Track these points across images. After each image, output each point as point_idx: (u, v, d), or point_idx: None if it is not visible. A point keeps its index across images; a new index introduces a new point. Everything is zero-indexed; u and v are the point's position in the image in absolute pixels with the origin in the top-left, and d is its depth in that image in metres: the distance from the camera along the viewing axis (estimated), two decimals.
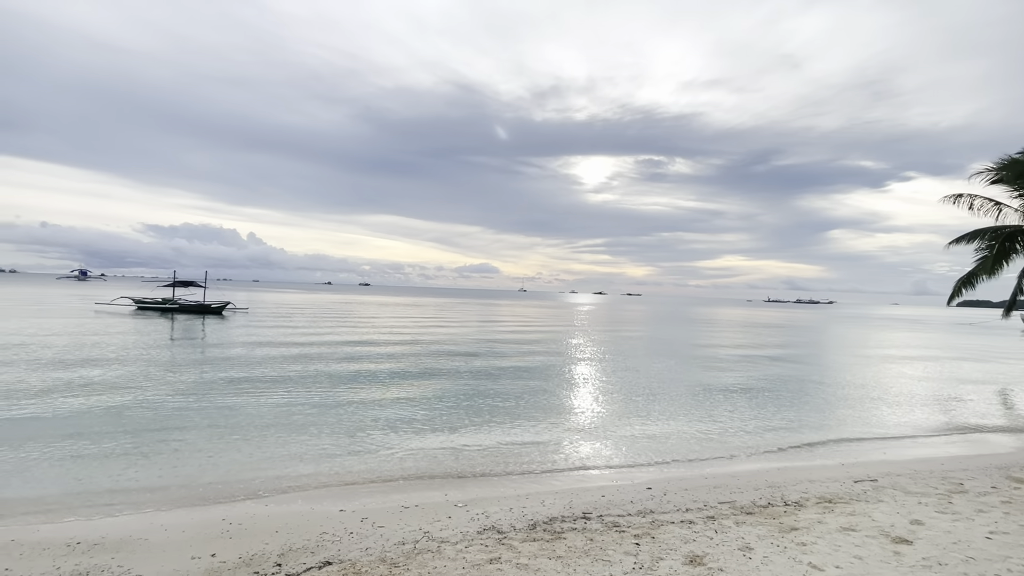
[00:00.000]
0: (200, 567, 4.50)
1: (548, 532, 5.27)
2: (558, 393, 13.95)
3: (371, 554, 4.73)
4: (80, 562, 4.57)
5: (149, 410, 10.72)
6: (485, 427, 10.32)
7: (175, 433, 9.22)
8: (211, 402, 11.57)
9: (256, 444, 8.79)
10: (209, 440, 8.91)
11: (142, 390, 12.55)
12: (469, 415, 11.20)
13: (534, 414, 11.49)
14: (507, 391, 13.89)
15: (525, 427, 10.41)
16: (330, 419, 10.49)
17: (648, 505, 6.20)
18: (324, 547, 4.93)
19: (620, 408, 12.41)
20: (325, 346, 22.32)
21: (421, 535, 5.20)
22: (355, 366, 17.22)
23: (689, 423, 11.22)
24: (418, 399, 12.55)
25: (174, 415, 10.41)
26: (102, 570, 4.42)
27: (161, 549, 4.88)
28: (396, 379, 15.13)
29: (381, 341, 25.26)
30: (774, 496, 6.58)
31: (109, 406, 10.90)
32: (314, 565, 4.52)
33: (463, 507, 6.08)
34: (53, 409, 10.51)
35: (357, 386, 13.88)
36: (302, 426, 9.94)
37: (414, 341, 25.77)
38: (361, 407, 11.57)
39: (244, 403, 11.57)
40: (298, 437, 9.24)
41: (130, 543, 5.00)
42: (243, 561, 4.62)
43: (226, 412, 10.76)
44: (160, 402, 11.43)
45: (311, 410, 11.16)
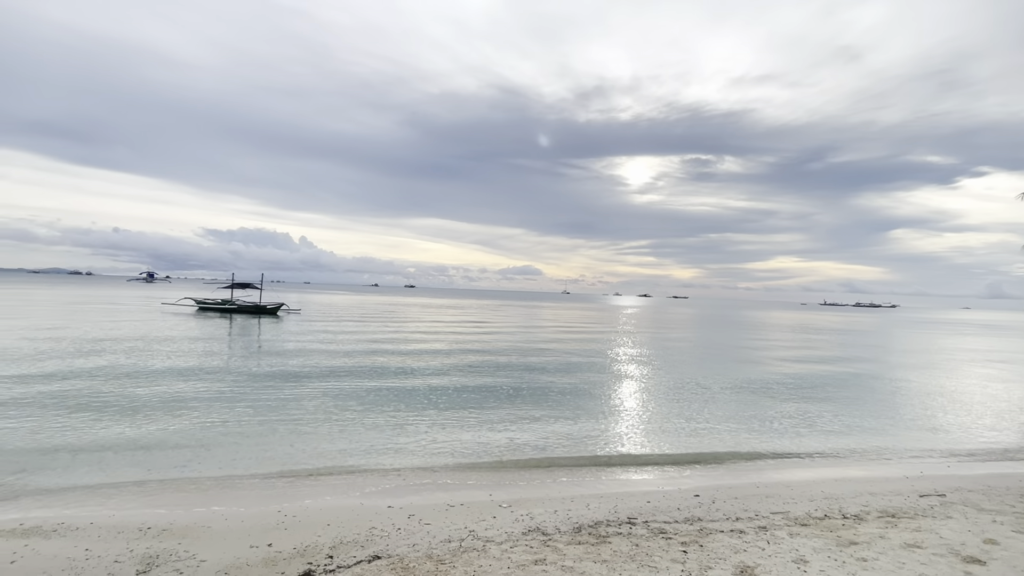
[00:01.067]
0: (258, 556, 4.71)
1: (593, 536, 5.23)
2: (602, 396, 13.81)
3: (418, 550, 4.83)
4: (151, 546, 4.87)
5: (209, 404, 11.30)
6: (528, 429, 10.34)
7: (233, 426, 9.69)
8: (266, 398, 12.09)
9: (308, 439, 9.12)
10: (264, 434, 9.31)
11: (203, 386, 13.25)
12: (512, 416, 11.24)
13: (578, 417, 11.42)
14: (550, 393, 13.86)
15: (569, 430, 10.37)
16: (377, 416, 10.77)
17: (696, 512, 6.06)
18: (373, 541, 5.07)
19: (666, 413, 12.17)
20: (372, 345, 22.90)
21: (467, 533, 5.27)
22: (400, 366, 17.60)
23: (738, 429, 10.88)
24: (461, 399, 12.70)
25: (232, 409, 10.93)
26: (170, 554, 4.70)
27: (222, 537, 5.14)
28: (440, 379, 15.37)
29: (425, 342, 25.71)
30: (831, 508, 6.30)
31: (173, 400, 11.57)
32: (363, 559, 4.66)
33: (507, 508, 6.12)
34: (127, 401, 11.24)
35: (402, 385, 14.18)
36: (350, 422, 10.24)
37: (458, 342, 26.09)
38: (407, 405, 11.81)
39: (296, 399, 12.03)
40: (347, 433, 9.54)
41: (194, 530, 5.29)
42: (297, 552, 4.81)
43: (279, 407, 11.22)
44: (219, 397, 12.03)
45: (359, 407, 11.48)
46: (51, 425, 9.38)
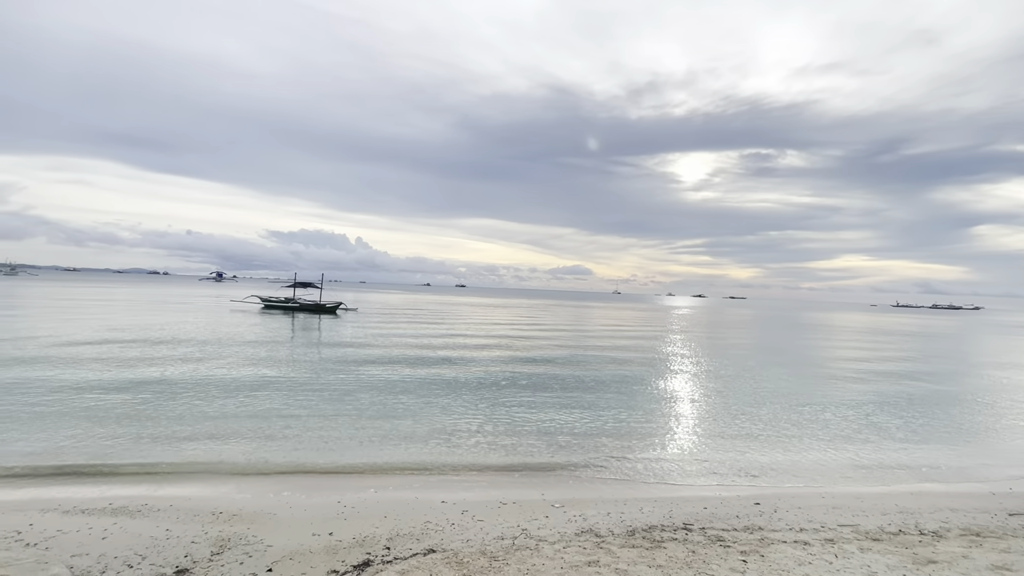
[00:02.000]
0: (320, 543, 4.91)
1: (647, 540, 5.14)
2: (654, 398, 13.52)
3: (472, 546, 4.89)
4: (223, 529, 5.18)
5: (273, 398, 11.87)
6: (579, 429, 10.26)
7: (295, 420, 10.14)
8: (325, 393, 12.58)
9: (365, 433, 9.42)
10: (324, 428, 9.69)
11: (268, 380, 13.94)
12: (563, 416, 11.19)
13: (629, 418, 11.23)
14: (601, 394, 13.70)
15: (620, 431, 10.22)
16: (431, 411, 10.98)
17: (756, 521, 5.83)
18: (428, 535, 5.18)
19: (722, 416, 11.77)
20: (425, 344, 23.38)
21: (519, 532, 5.29)
22: (452, 364, 17.87)
23: (800, 436, 10.38)
24: (512, 399, 12.75)
25: (294, 402, 11.44)
26: (240, 538, 4.98)
27: (287, 524, 5.39)
28: (491, 378, 15.49)
29: (476, 340, 25.99)
30: (906, 523, 5.91)
31: (241, 392, 12.23)
32: (419, 551, 4.76)
33: (560, 508, 6.10)
34: (200, 393, 11.99)
35: (454, 383, 14.39)
36: (405, 417, 10.50)
37: (508, 341, 26.23)
38: (459, 403, 11.98)
39: (354, 395, 12.44)
40: (402, 427, 9.78)
41: (262, 516, 5.58)
42: (356, 542, 4.97)
43: (338, 402, 11.64)
44: (283, 391, 12.62)
45: (414, 402, 11.75)
46: (133, 413, 10.12)
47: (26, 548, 4.56)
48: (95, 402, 10.86)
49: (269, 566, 4.42)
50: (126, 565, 4.35)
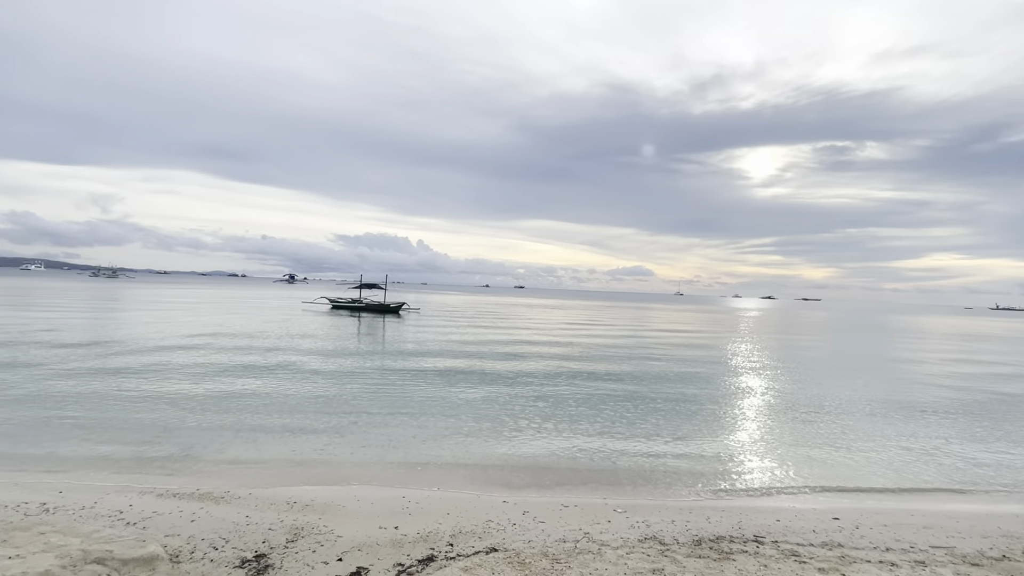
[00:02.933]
0: (386, 536, 5.07)
1: (715, 551, 4.94)
2: (720, 403, 13.00)
3: (534, 547, 4.89)
4: (297, 518, 5.45)
5: (342, 394, 12.39)
6: (641, 433, 10.03)
7: (363, 416, 10.52)
8: (390, 390, 12.98)
9: (428, 430, 9.64)
10: (388, 424, 10.00)
11: (337, 377, 14.57)
12: (623, 419, 10.98)
13: (694, 423, 10.86)
14: (663, 397, 13.33)
15: (684, 436, 9.90)
16: (491, 411, 11.08)
17: (835, 537, 5.47)
18: (490, 534, 5.22)
19: (794, 424, 11.15)
20: (485, 344, 23.65)
21: (581, 535, 5.23)
22: (512, 364, 17.96)
23: (884, 448, 9.66)
24: (570, 398, 12.65)
25: (361, 400, 11.88)
26: (313, 527, 5.22)
27: (355, 516, 5.60)
28: (549, 379, 15.44)
29: (535, 341, 26.00)
30: (1011, 548, 5.36)
31: (312, 388, 12.84)
32: (482, 549, 4.81)
33: (623, 513, 5.98)
34: (277, 387, 12.70)
35: (514, 382, 14.46)
36: (466, 416, 10.65)
37: (567, 342, 26.06)
38: (518, 403, 12.02)
39: (417, 392, 12.77)
40: (463, 426, 9.93)
41: (332, 508, 5.83)
42: (421, 536, 5.09)
43: (402, 399, 11.98)
44: (351, 388, 13.14)
45: (475, 401, 11.90)
46: (216, 407, 10.86)
47: (127, 527, 4.98)
48: (181, 395, 11.74)
49: (339, 555, 4.60)
50: (212, 547, 4.66)
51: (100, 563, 4.08)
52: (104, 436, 8.74)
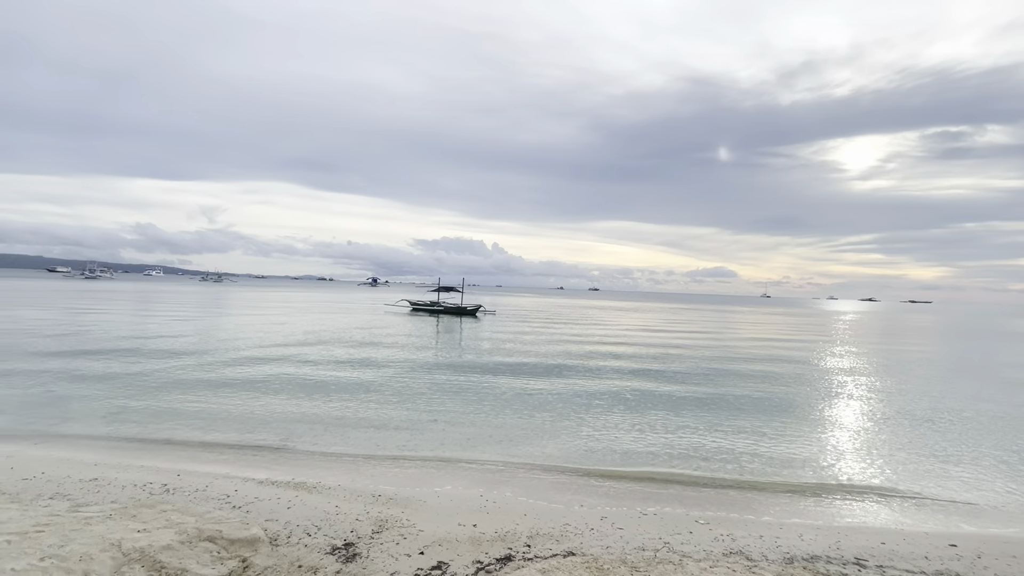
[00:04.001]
0: (465, 533, 5.18)
1: (809, 571, 4.61)
2: (814, 410, 12.11)
3: (612, 553, 4.81)
4: (381, 511, 5.70)
5: (422, 392, 12.83)
6: (724, 441, 9.56)
7: (441, 415, 10.83)
8: (466, 390, 13.27)
9: (504, 431, 9.76)
10: (466, 424, 10.23)
11: (418, 376, 15.11)
12: (705, 425, 10.52)
13: (784, 432, 10.20)
14: (749, 402, 12.62)
15: (773, 446, 9.32)
16: (566, 414, 11.02)
17: (952, 567, 4.93)
18: (567, 537, 5.19)
19: (901, 437, 10.16)
20: (559, 346, 23.57)
21: (661, 544, 5.08)
22: (587, 366, 17.76)
23: (1010, 468, 8.57)
24: (648, 403, 12.30)
25: (440, 398, 12.24)
26: (396, 520, 5.44)
27: (435, 512, 5.77)
28: (626, 381, 15.10)
29: (610, 344, 25.55)
30: None
31: (394, 387, 13.40)
32: (559, 552, 4.80)
33: (705, 524, 5.74)
34: (361, 385, 13.38)
35: (589, 386, 14.29)
36: (542, 418, 10.66)
37: (644, 345, 25.39)
38: (595, 405, 11.86)
39: (494, 393, 12.96)
40: (538, 429, 9.95)
41: (414, 502, 6.05)
42: (498, 536, 5.16)
43: (479, 400, 12.21)
44: (430, 387, 13.58)
45: (551, 404, 11.89)
46: (308, 403, 11.61)
47: (233, 510, 5.45)
48: (278, 390, 12.66)
49: (421, 549, 4.77)
50: (306, 533, 4.99)
51: (211, 541, 4.49)
52: (213, 425, 9.62)
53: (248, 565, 4.28)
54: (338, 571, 4.27)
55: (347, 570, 4.31)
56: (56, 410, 10.37)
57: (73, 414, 10.13)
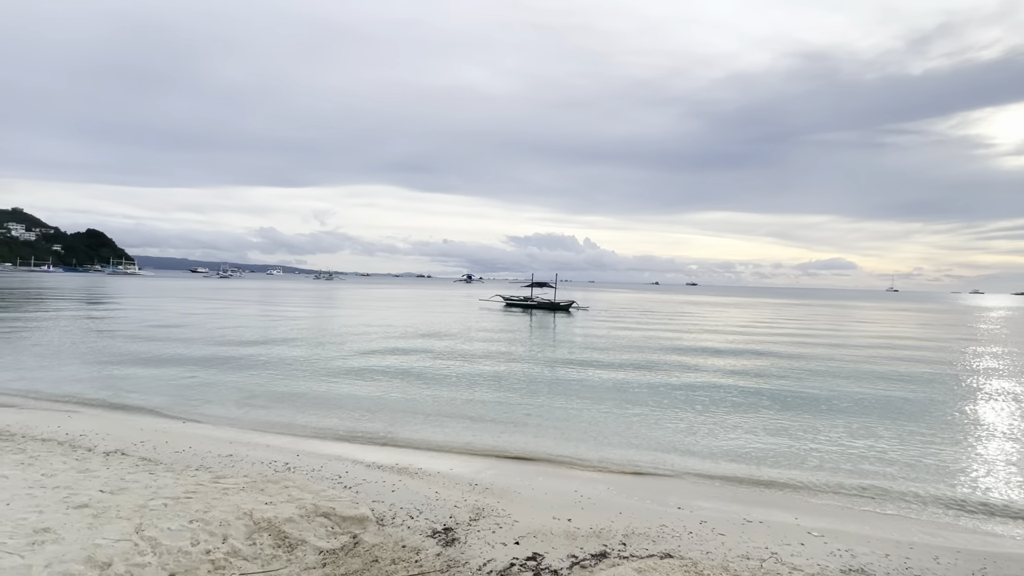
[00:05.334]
0: (560, 527, 5.20)
1: None
2: (955, 417, 10.68)
3: (712, 559, 4.59)
4: (478, 500, 5.89)
5: (516, 386, 13.04)
6: (842, 447, 8.74)
7: (535, 409, 10.95)
8: (561, 386, 13.29)
9: (599, 428, 9.66)
10: (559, 419, 10.25)
11: (511, 371, 15.39)
12: (822, 429, 9.68)
13: (915, 438, 9.12)
14: (873, 404, 11.42)
15: (901, 454, 8.37)
16: (662, 411, 10.67)
17: None
18: (664, 539, 5.04)
19: None
20: (654, 342, 22.85)
21: (768, 555, 4.77)
22: (684, 364, 17.05)
23: None
24: (753, 403, 11.55)
25: (534, 393, 12.38)
26: (492, 509, 5.59)
27: (530, 504, 5.85)
28: (727, 379, 14.29)
29: (710, 340, 24.30)
30: None
31: (490, 381, 13.75)
32: (656, 553, 4.67)
33: (819, 537, 5.30)
34: (512, 384, 13.88)
35: (686, 382, 13.71)
36: (637, 416, 10.41)
37: (747, 341, 23.87)
38: (692, 404, 11.37)
39: (586, 389, 12.87)
40: (632, 428, 9.74)
41: (509, 494, 6.17)
42: (593, 532, 5.12)
43: (571, 395, 12.18)
44: (524, 382, 13.77)
45: (646, 401, 11.58)
46: (411, 393, 12.25)
47: (344, 489, 5.90)
48: (384, 381, 13.49)
49: (516, 539, 4.86)
50: (409, 516, 5.28)
51: (326, 517, 4.89)
52: (327, 412, 10.47)
53: (358, 541, 4.61)
54: (438, 554, 4.47)
55: (446, 553, 4.50)
56: (199, 393, 11.83)
57: (212, 397, 11.50)
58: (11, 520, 4.30)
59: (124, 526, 4.30)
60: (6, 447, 6.69)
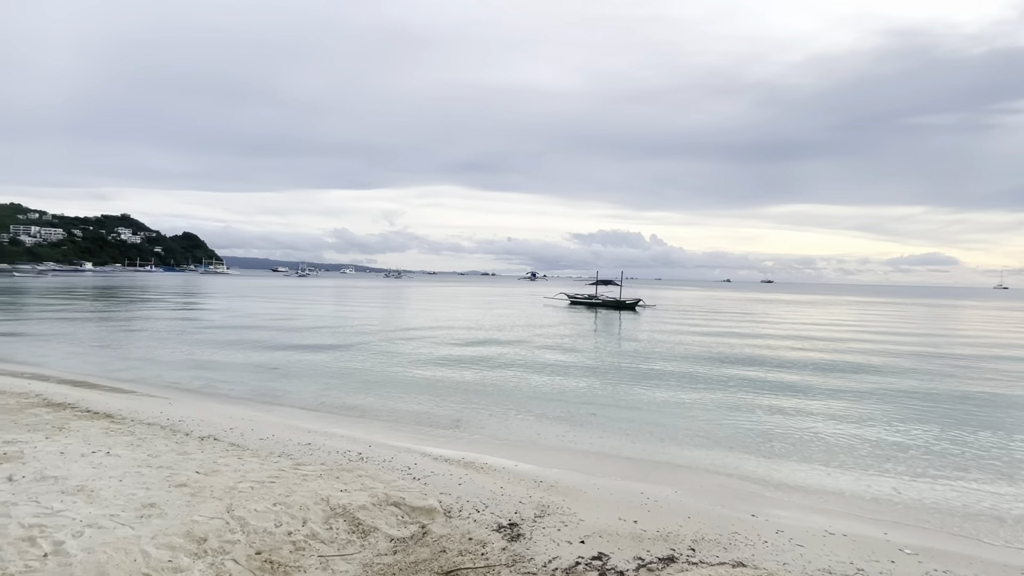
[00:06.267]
0: (626, 528, 5.12)
1: None
2: None
3: (790, 571, 4.36)
4: (543, 497, 5.90)
5: (580, 385, 12.95)
6: (941, 459, 8.01)
7: (600, 409, 10.82)
8: (627, 384, 13.06)
9: (666, 429, 9.41)
10: (627, 420, 10.06)
11: (576, 369, 15.29)
12: (920, 439, 8.92)
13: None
14: (981, 411, 10.38)
15: (1015, 469, 7.56)
16: (734, 413, 10.23)
17: None
18: (736, 547, 4.83)
19: None
20: (726, 342, 21.92)
21: (853, 570, 4.46)
22: (759, 361, 16.25)
23: None
24: (835, 410, 10.81)
25: (599, 392, 12.24)
26: (557, 507, 5.58)
27: (595, 504, 5.79)
28: (806, 383, 13.46)
29: (787, 340, 22.98)
30: None
31: (555, 379, 13.73)
32: (727, 561, 4.49)
33: (913, 555, 4.89)
34: (576, 383, 13.96)
35: (762, 386, 13.04)
36: (705, 419, 10.05)
37: (829, 344, 22.37)
38: (767, 405, 10.82)
39: (654, 389, 12.56)
40: (703, 428, 9.40)
41: (574, 492, 6.14)
42: (660, 535, 5.00)
43: (639, 395, 11.94)
44: (588, 380, 13.65)
45: (717, 403, 11.16)
46: (475, 388, 12.47)
47: (413, 481, 6.09)
48: (450, 375, 13.81)
49: (582, 538, 4.83)
50: (475, 509, 5.38)
51: (397, 506, 5.08)
52: (397, 404, 10.87)
53: (427, 532, 4.75)
54: (503, 548, 4.53)
55: (512, 548, 4.54)
56: (281, 383, 12.63)
57: (292, 387, 12.24)
58: (123, 495, 4.78)
59: (217, 505, 4.66)
60: (119, 429, 7.43)
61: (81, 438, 6.77)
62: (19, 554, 3.67)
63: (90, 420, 7.84)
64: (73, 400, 9.21)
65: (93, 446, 6.43)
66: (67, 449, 6.22)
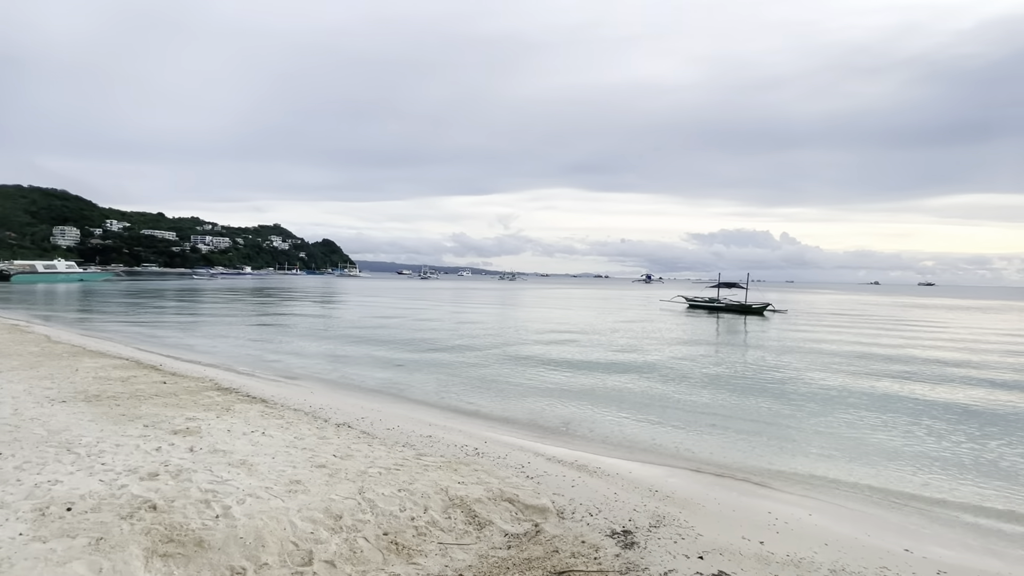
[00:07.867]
0: (750, 549, 4.76)
1: None
2: None
3: None
4: (658, 507, 5.69)
5: (702, 394, 12.28)
6: None
7: (720, 420, 10.18)
8: (755, 394, 12.14)
9: (799, 444, 8.63)
10: (749, 433, 9.37)
11: (697, 376, 14.54)
12: None
13: None
14: None
15: None
16: (887, 429, 9.06)
17: None
18: None
19: None
20: (875, 353, 19.47)
21: None
22: (915, 373, 14.20)
23: None
24: (1014, 438, 9.13)
25: (719, 401, 11.52)
26: (673, 519, 5.35)
27: (715, 519, 5.46)
28: (976, 403, 11.49)
29: (953, 350, 19.80)
30: None
31: (673, 386, 13.17)
32: None
33: None
34: (698, 391, 13.59)
35: (918, 404, 11.39)
36: (852, 434, 9.02)
37: (1007, 353, 18.89)
38: (927, 422, 9.43)
39: (787, 401, 11.55)
40: (846, 443, 8.45)
41: (691, 505, 5.84)
42: (791, 560, 4.58)
43: (768, 407, 11.04)
44: (710, 389, 12.90)
45: (864, 418, 9.97)
46: (588, 391, 12.36)
47: (527, 479, 6.20)
48: (564, 377, 13.84)
49: (700, 554, 4.58)
50: (588, 513, 5.34)
51: (510, 502, 5.21)
52: (510, 403, 11.13)
53: (540, 530, 4.81)
54: (617, 555, 4.44)
55: (625, 556, 4.44)
56: (405, 377, 13.55)
57: (415, 382, 13.07)
58: (275, 471, 5.45)
59: (350, 487, 5.13)
60: (272, 413, 8.46)
61: (243, 419, 7.82)
62: (198, 513, 4.35)
63: (250, 404, 9.01)
64: (237, 386, 10.66)
65: (252, 426, 7.40)
66: (232, 427, 7.22)
